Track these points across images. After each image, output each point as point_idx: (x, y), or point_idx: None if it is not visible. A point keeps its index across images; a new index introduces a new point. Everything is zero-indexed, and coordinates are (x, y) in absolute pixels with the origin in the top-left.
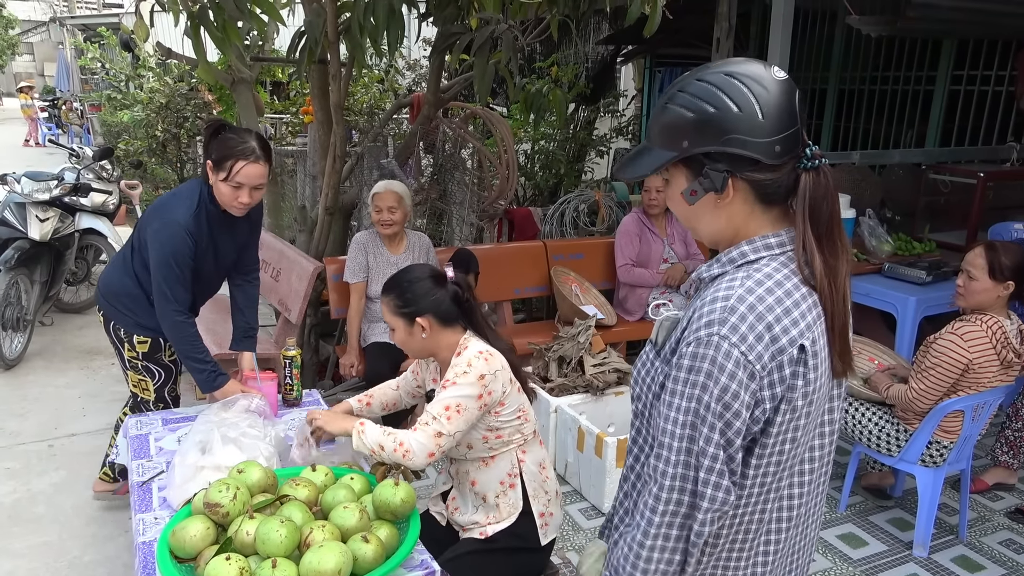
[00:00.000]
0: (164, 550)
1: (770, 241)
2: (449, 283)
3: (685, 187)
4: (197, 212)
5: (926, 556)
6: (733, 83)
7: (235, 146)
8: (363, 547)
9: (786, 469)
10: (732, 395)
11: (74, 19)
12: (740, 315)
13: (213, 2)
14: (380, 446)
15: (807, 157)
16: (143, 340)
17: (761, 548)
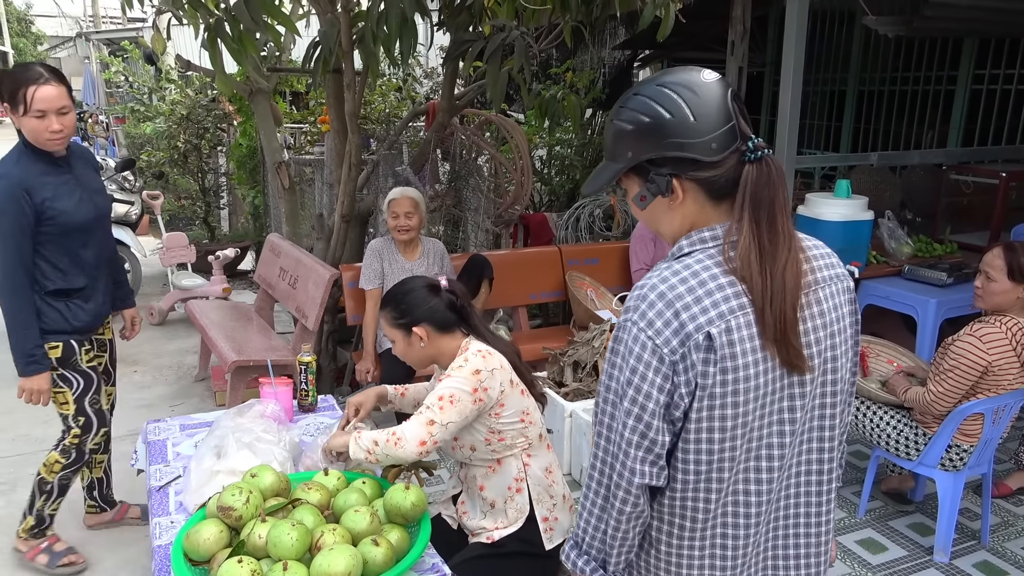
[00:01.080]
0: (179, 553)
1: (704, 235)
2: (444, 291)
3: (636, 193)
4: (19, 161)
5: (947, 562)
6: (663, 92)
7: (20, 75)
8: (373, 550)
9: (725, 461)
10: (640, 376)
11: (99, 34)
12: (650, 303)
13: (229, 14)
14: (374, 442)
15: (749, 149)
16: (53, 346)
17: (718, 542)
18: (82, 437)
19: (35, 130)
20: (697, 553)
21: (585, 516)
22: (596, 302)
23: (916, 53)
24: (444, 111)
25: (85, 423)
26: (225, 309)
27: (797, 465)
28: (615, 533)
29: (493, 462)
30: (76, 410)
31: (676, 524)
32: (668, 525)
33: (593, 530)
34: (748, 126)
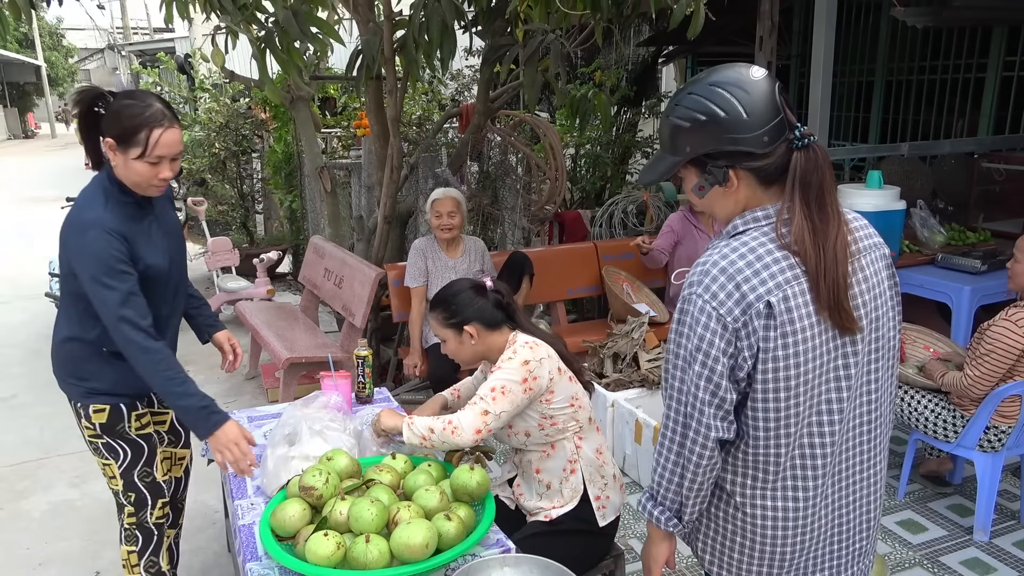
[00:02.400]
0: (267, 529)
1: (758, 214)
2: (490, 291)
3: (694, 183)
4: (108, 205)
5: (987, 540)
6: (716, 91)
7: (141, 113)
8: (446, 524)
9: (791, 417)
10: (708, 343)
11: (131, 46)
12: (712, 277)
13: (279, 27)
14: (430, 429)
15: (796, 138)
16: (99, 408)
17: (783, 493)
18: (138, 515)
19: (143, 176)
20: (769, 503)
21: (659, 471)
22: (632, 296)
23: (945, 42)
24: (480, 113)
25: (137, 499)
26: (272, 310)
27: (856, 418)
28: (691, 485)
29: (547, 446)
30: (125, 484)
31: (750, 476)
32: (742, 477)
33: (667, 483)
34: (793, 117)
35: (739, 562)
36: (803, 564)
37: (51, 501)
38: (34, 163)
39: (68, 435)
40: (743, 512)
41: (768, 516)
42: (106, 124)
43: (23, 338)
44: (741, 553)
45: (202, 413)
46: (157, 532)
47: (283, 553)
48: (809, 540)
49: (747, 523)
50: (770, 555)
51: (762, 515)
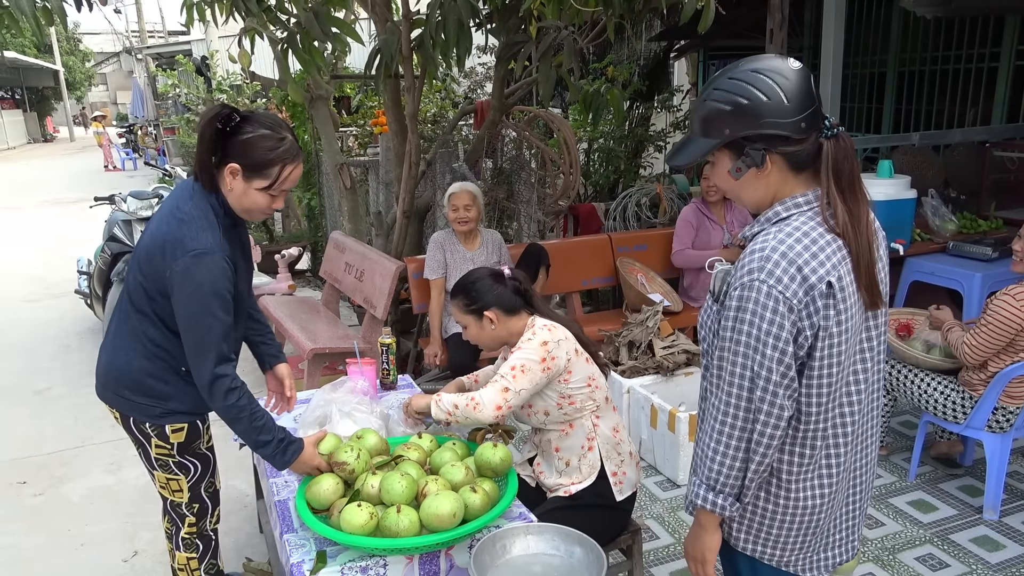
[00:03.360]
0: (302, 503)
1: (799, 200)
2: (508, 279)
3: (730, 166)
4: (216, 228)
5: (997, 519)
6: (759, 77)
7: (276, 146)
8: (472, 496)
9: (836, 390)
10: (778, 326)
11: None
12: (774, 262)
13: (300, 27)
14: (455, 405)
15: (827, 127)
16: (178, 427)
17: (824, 463)
18: (199, 524)
19: (259, 206)
20: (811, 475)
21: (719, 459)
22: (646, 286)
23: (957, 32)
24: (495, 109)
25: (200, 509)
26: (294, 303)
27: (874, 382)
28: (757, 467)
29: (566, 425)
30: (191, 497)
31: (797, 453)
32: (789, 455)
33: (728, 469)
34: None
35: (776, 537)
36: (828, 527)
37: (89, 486)
38: (53, 166)
39: (101, 425)
40: (787, 490)
41: (810, 488)
42: (235, 150)
43: (54, 334)
44: (780, 528)
45: (279, 448)
46: (214, 537)
47: (319, 524)
48: (834, 504)
49: (791, 499)
50: (808, 525)
51: (803, 488)
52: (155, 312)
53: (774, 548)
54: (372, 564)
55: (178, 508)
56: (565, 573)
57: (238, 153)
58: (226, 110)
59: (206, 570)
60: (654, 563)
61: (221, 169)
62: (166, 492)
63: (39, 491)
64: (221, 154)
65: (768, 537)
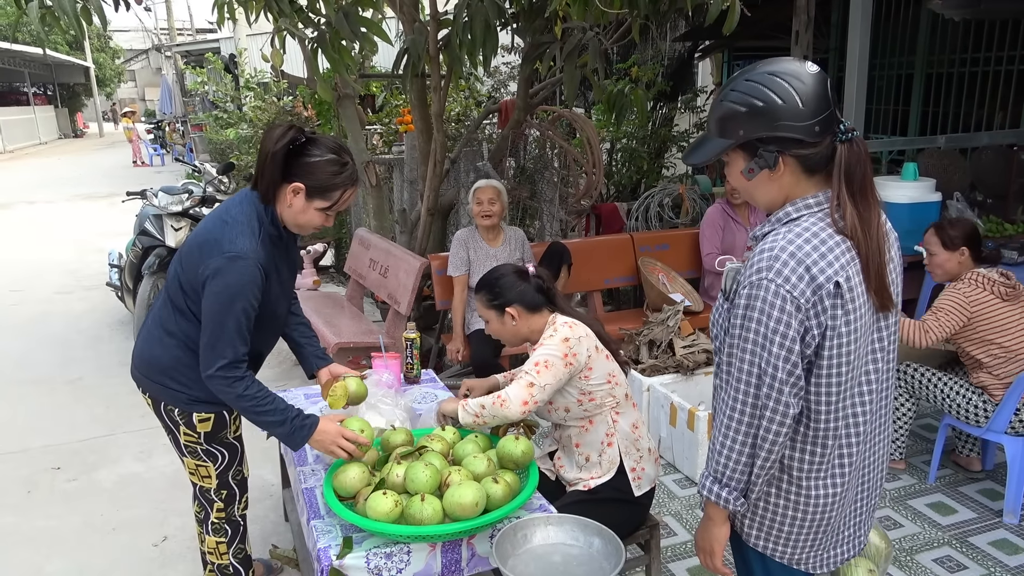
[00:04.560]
0: (329, 490)
1: (809, 201)
2: (532, 277)
3: (743, 166)
4: (260, 238)
5: (1017, 523)
6: (775, 80)
7: (340, 172)
8: (494, 487)
9: (847, 390)
10: (785, 324)
11: (177, 47)
12: (783, 262)
13: (330, 27)
14: (481, 406)
15: (841, 132)
16: (205, 417)
17: (836, 461)
18: (227, 509)
19: (313, 222)
20: (823, 473)
21: (727, 453)
22: (668, 285)
23: (986, 34)
24: (520, 109)
25: (228, 496)
26: (319, 298)
27: (884, 382)
28: (763, 463)
29: (586, 421)
30: (219, 484)
31: (808, 451)
32: (800, 452)
33: (735, 464)
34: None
35: (788, 534)
36: (837, 525)
37: (120, 473)
38: (84, 161)
39: (131, 414)
40: (798, 486)
41: (822, 487)
42: (301, 170)
43: (86, 325)
44: (792, 525)
45: (293, 426)
46: (243, 522)
47: (345, 510)
48: (846, 502)
49: (801, 496)
50: (819, 522)
51: (815, 486)
52: (188, 306)
53: (785, 545)
54: (396, 551)
55: (207, 494)
56: (584, 563)
57: (303, 174)
58: (297, 132)
59: (235, 554)
60: (671, 559)
61: (284, 186)
62: (195, 478)
63: (73, 476)
64: (286, 172)
65: (780, 534)
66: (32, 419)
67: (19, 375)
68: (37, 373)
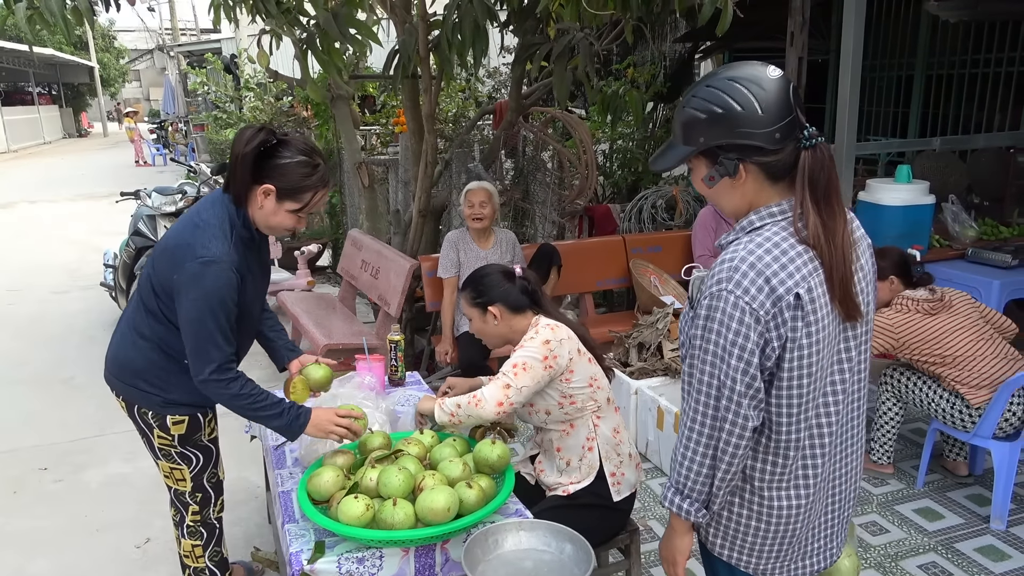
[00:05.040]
0: (303, 494)
1: (773, 210)
2: (518, 278)
3: (705, 173)
4: (233, 240)
5: (1004, 529)
6: (735, 86)
7: (311, 174)
8: (468, 492)
9: (809, 401)
10: (744, 336)
11: (180, 47)
12: (742, 272)
13: (320, 29)
14: (457, 405)
15: (805, 138)
16: (179, 420)
17: (799, 472)
18: (203, 512)
19: (285, 224)
20: (785, 483)
21: (687, 464)
22: (659, 288)
23: (987, 35)
24: (512, 110)
25: (203, 499)
26: (312, 299)
27: (853, 393)
28: (724, 475)
29: (567, 424)
30: (194, 487)
31: (770, 461)
32: (762, 463)
33: (696, 475)
34: (802, 117)
35: (752, 544)
36: (805, 536)
37: (107, 474)
38: (87, 161)
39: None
40: (760, 496)
41: (784, 497)
42: (271, 172)
43: (81, 325)
44: (756, 536)
45: (288, 418)
46: (218, 525)
47: (317, 514)
48: (811, 514)
49: (763, 507)
50: (783, 534)
51: (777, 497)
52: (160, 310)
53: (750, 555)
54: (368, 555)
55: (182, 497)
56: (555, 569)
57: (274, 176)
58: (268, 135)
59: (210, 557)
60: (655, 563)
61: (254, 188)
62: (170, 481)
63: (60, 477)
64: (256, 174)
65: (744, 544)
66: (24, 419)
67: (13, 375)
68: (31, 373)
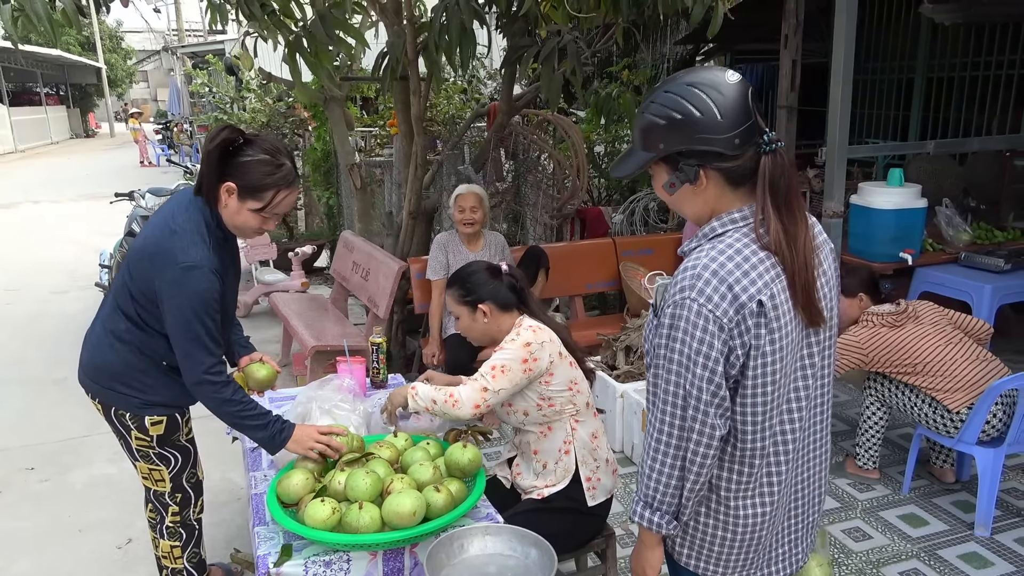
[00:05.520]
0: (272, 497)
1: (735, 216)
2: (504, 275)
3: (665, 180)
4: (209, 243)
5: (988, 536)
6: (693, 91)
7: (273, 172)
8: (435, 495)
9: (773, 408)
10: (708, 345)
11: (184, 48)
12: (705, 280)
13: (307, 31)
14: (432, 400)
15: (765, 143)
16: (157, 420)
17: (764, 480)
18: (183, 513)
19: (250, 225)
20: (751, 492)
21: (655, 477)
22: (649, 290)
23: (987, 38)
24: (504, 112)
25: (183, 499)
26: (304, 301)
27: (817, 399)
28: (693, 486)
29: (544, 427)
30: (173, 487)
31: (736, 470)
32: (728, 472)
33: (664, 487)
34: (762, 122)
35: (719, 554)
36: (769, 543)
37: (92, 474)
38: (92, 161)
39: None
40: (726, 506)
41: (750, 506)
42: (234, 171)
43: (77, 325)
44: (722, 545)
45: (272, 431)
46: (197, 526)
47: (284, 516)
48: (775, 521)
49: (729, 516)
50: (749, 542)
51: (743, 506)
52: (138, 313)
53: (716, 565)
54: (336, 559)
55: (161, 498)
56: (520, 574)
57: (236, 174)
58: (232, 133)
59: (189, 558)
60: None
61: (219, 186)
62: (149, 482)
63: (46, 477)
64: (221, 172)
65: (711, 554)
66: (15, 418)
67: (7, 374)
68: (25, 373)
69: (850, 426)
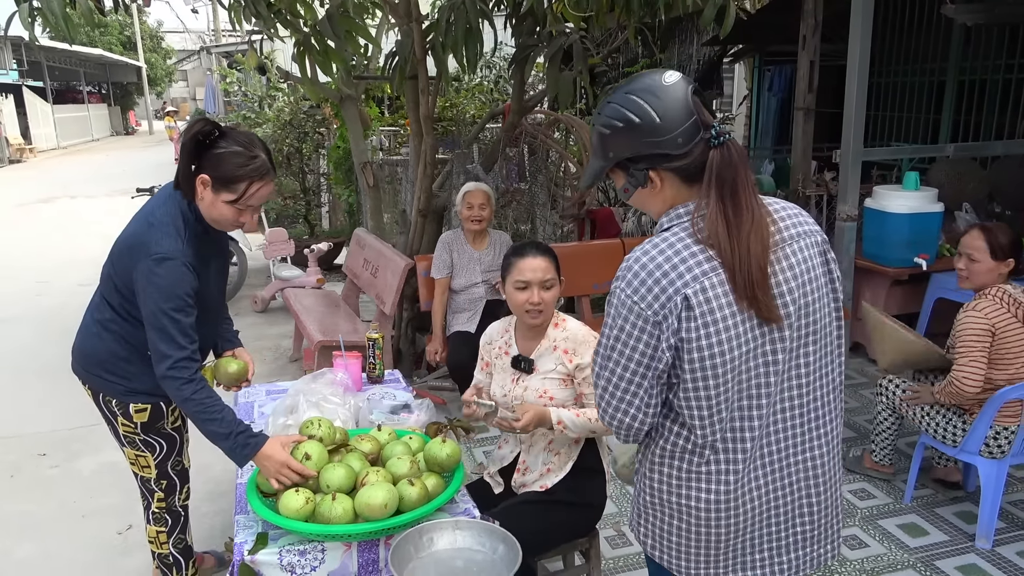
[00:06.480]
0: (252, 487)
1: (680, 211)
2: None
3: (622, 185)
4: (185, 236)
5: (989, 548)
6: (630, 99)
7: (246, 164)
8: (408, 489)
9: (723, 403)
10: (629, 335)
11: (218, 47)
12: (634, 272)
13: (316, 30)
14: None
15: (713, 136)
16: (141, 408)
17: (714, 472)
18: (168, 499)
19: (226, 217)
20: (696, 480)
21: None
22: None
23: (1022, 40)
24: (514, 112)
25: (168, 486)
26: (317, 297)
27: (784, 402)
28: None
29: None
30: (158, 474)
31: (685, 459)
32: (679, 460)
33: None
34: (709, 117)
35: (678, 545)
36: (739, 545)
37: (99, 461)
38: (130, 158)
39: None
40: (677, 495)
41: (702, 499)
42: (208, 162)
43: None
44: (679, 536)
45: (236, 442)
46: (183, 512)
47: (260, 505)
48: (743, 522)
49: (682, 507)
50: (706, 537)
51: (696, 497)
52: (121, 304)
53: (678, 558)
54: (310, 548)
55: (147, 484)
56: (486, 569)
57: (210, 166)
58: (206, 125)
59: (175, 544)
60: (621, 569)
61: (195, 179)
62: (136, 468)
63: (56, 463)
64: (197, 165)
65: (670, 545)
66: (31, 406)
67: (29, 364)
68: (44, 363)
69: (857, 432)
